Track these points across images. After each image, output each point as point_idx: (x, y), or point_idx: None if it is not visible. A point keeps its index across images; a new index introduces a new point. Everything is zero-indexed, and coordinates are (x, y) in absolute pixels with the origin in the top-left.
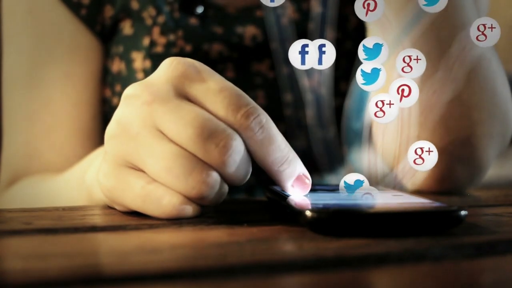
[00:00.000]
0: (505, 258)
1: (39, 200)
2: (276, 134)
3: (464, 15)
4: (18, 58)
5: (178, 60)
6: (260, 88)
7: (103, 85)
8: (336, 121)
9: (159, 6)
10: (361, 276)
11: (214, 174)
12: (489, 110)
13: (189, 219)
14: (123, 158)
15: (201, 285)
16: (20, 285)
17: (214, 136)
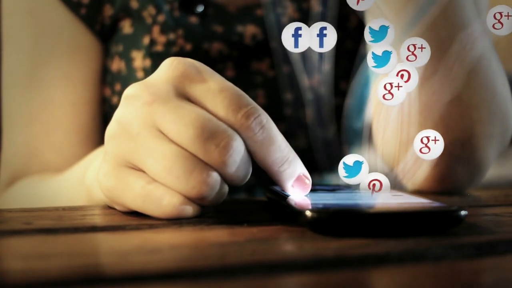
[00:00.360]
0: (505, 258)
1: (39, 200)
2: (277, 134)
3: (464, 15)
4: (17, 58)
5: (179, 60)
6: (260, 87)
7: (103, 84)
8: (336, 121)
9: (159, 5)
10: (361, 276)
11: (214, 175)
12: (489, 110)
13: (189, 219)
14: (123, 158)
15: (201, 285)
16: (20, 285)
17: (214, 137)
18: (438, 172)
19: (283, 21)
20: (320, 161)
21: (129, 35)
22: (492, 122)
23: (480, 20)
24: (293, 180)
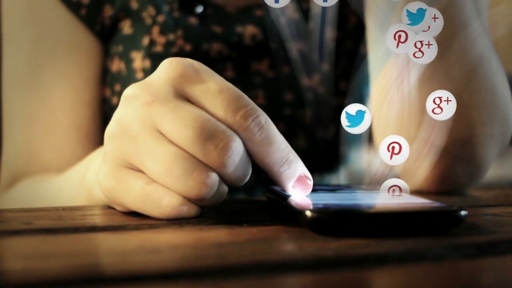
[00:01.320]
0: (505, 258)
1: (39, 201)
2: (276, 135)
3: (464, 15)
4: (17, 58)
5: (178, 60)
6: (260, 88)
7: (103, 84)
8: (336, 121)
9: (158, 5)
10: (361, 276)
11: (213, 175)
12: (489, 110)
13: (189, 219)
14: (123, 158)
15: (201, 285)
16: (20, 285)
17: (213, 137)
18: (438, 172)
19: (282, 21)
20: (320, 161)
21: (128, 35)
22: (492, 122)
23: (480, 20)
24: (293, 180)
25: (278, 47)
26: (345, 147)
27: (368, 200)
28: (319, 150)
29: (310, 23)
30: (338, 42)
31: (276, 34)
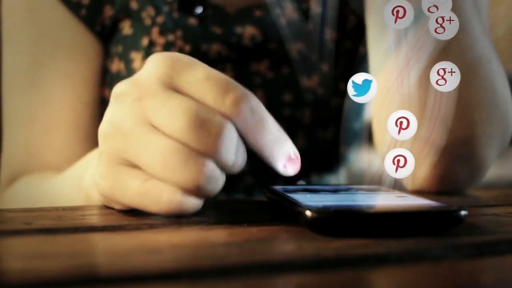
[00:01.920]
0: (505, 258)
1: (38, 200)
2: (267, 117)
3: (464, 15)
4: (17, 58)
5: (164, 54)
6: (259, 88)
7: (103, 85)
8: (335, 121)
9: (158, 6)
10: (361, 276)
11: (209, 163)
12: (489, 110)
13: (189, 219)
14: (118, 156)
15: (201, 285)
16: (20, 285)
17: (206, 125)
18: (438, 172)
19: (282, 22)
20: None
21: (128, 36)
22: (492, 122)
23: (480, 20)
24: (284, 160)
25: (278, 48)
26: (345, 147)
27: (368, 200)
28: (319, 150)
29: (310, 23)
30: (337, 43)
31: (275, 35)
